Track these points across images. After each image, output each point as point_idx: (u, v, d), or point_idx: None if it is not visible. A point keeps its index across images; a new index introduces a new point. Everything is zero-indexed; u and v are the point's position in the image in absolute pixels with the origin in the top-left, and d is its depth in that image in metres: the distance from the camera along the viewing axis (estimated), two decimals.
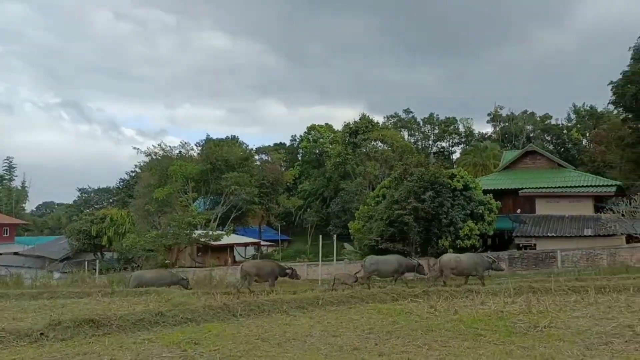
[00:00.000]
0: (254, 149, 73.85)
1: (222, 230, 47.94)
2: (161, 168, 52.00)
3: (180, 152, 58.46)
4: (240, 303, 10.48)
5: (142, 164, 62.55)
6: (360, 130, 61.17)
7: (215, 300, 12.19)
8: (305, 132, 77.62)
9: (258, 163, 66.24)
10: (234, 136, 71.83)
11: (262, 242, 56.83)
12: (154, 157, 55.56)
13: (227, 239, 46.84)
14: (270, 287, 17.55)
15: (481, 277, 18.16)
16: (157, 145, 56.69)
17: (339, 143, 63.79)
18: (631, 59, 40.35)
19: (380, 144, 61.64)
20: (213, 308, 9.95)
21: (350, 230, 36.66)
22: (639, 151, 40.44)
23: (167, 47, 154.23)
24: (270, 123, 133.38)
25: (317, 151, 73.75)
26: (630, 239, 30.85)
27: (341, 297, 11.82)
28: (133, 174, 74.65)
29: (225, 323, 9.43)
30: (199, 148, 62.78)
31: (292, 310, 10.92)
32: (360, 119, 62.68)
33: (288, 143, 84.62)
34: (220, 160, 52.92)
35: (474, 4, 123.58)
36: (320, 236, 34.20)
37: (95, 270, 34.87)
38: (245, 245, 53.32)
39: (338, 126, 69.57)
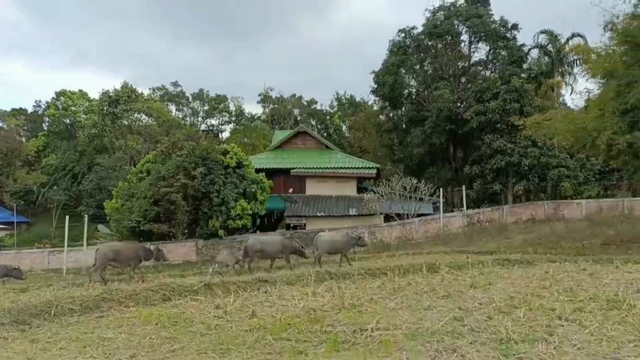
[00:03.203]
0: None
1: None
2: None
3: None
4: None
5: None
6: (122, 100, 54.70)
7: None
8: (53, 98, 66.64)
9: None
10: None
11: None
12: None
13: None
14: (132, 274, 15.10)
15: (346, 254, 17.44)
16: None
17: (96, 113, 56.01)
18: (389, 50, 43.38)
19: (144, 116, 56.34)
20: None
21: (106, 210, 31.64)
22: (394, 137, 44.06)
23: None
24: (9, 86, 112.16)
25: (68, 121, 64.35)
26: (388, 218, 32.89)
27: (87, 300, 8.23)
28: None
29: None
30: None
31: (5, 327, 7.03)
32: (122, 88, 55.89)
33: (31, 109, 71.93)
34: None
35: None
36: (68, 217, 28.67)
37: None
38: None
39: (95, 95, 61.21)
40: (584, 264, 14.42)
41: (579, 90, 37.04)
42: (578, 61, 37.15)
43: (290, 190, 36.04)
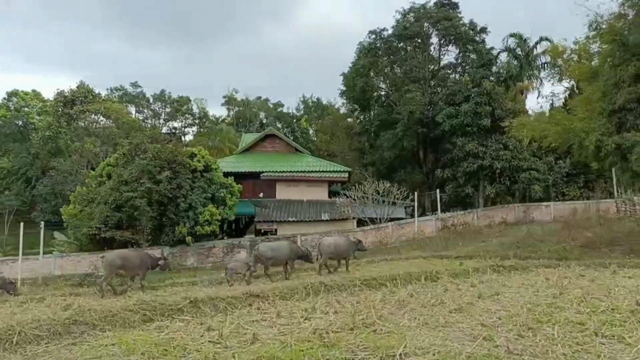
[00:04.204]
0: None
1: None
2: None
3: None
4: None
5: None
6: (78, 100, 52.32)
7: None
8: (4, 98, 63.28)
9: None
10: None
11: None
12: None
13: None
14: (140, 282, 14.21)
15: (347, 260, 16.92)
16: None
17: (50, 114, 53.38)
18: (359, 52, 42.60)
19: (102, 118, 54.00)
20: None
21: (63, 217, 29.72)
22: (363, 141, 43.40)
23: None
24: None
25: (21, 122, 61.00)
26: (361, 222, 32.13)
27: (55, 324, 7.02)
28: None
29: None
30: None
31: None
32: (78, 88, 53.44)
33: None
34: None
35: None
36: (22, 224, 26.78)
37: None
38: None
39: (50, 96, 58.37)
40: (578, 269, 14.01)
41: (544, 93, 37.31)
42: (546, 65, 37.46)
43: (261, 194, 34.84)
